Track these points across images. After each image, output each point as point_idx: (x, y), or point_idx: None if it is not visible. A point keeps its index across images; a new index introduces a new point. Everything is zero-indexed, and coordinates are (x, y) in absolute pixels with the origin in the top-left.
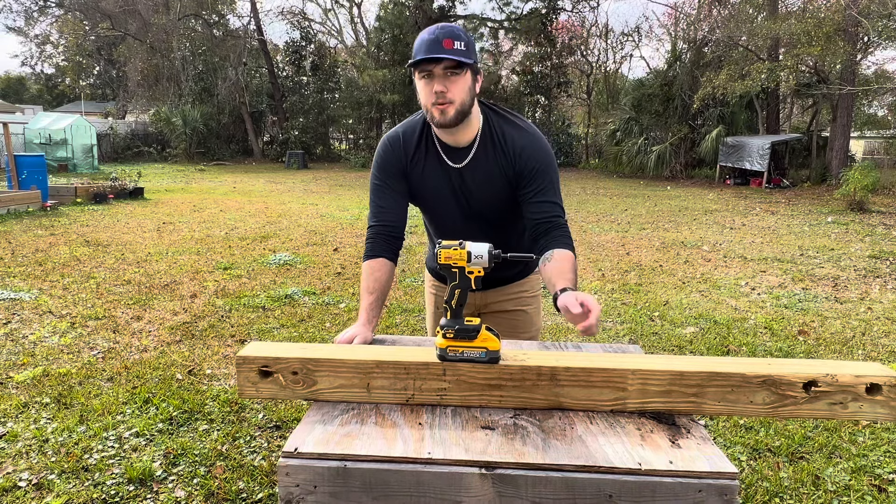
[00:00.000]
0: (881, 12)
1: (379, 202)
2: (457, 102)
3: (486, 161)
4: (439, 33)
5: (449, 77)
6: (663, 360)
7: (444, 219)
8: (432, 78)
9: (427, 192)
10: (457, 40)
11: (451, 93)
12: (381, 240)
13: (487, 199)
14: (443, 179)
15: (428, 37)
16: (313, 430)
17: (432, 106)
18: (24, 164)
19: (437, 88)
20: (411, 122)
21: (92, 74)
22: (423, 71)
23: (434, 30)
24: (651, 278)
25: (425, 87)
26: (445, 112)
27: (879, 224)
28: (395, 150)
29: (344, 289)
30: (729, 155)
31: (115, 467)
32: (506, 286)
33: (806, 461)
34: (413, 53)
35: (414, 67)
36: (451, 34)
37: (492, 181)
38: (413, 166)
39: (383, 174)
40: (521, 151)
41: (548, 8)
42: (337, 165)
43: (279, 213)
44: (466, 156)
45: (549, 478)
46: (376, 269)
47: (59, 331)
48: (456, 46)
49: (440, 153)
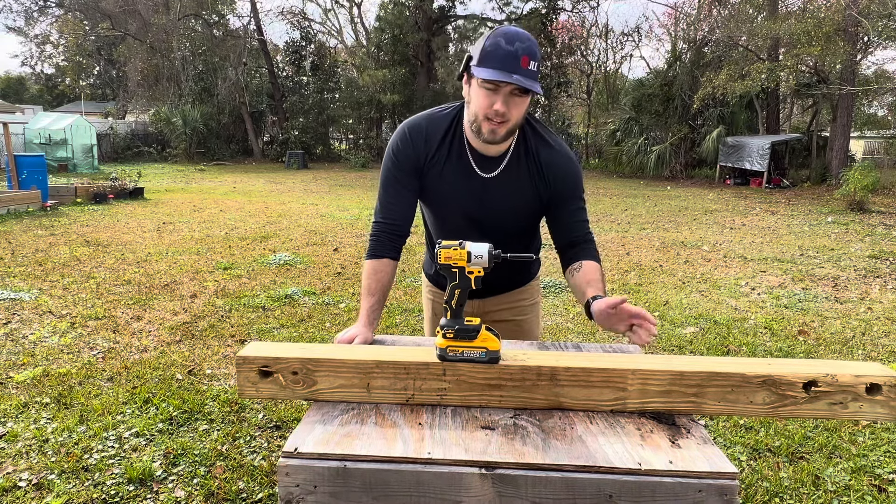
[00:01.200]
0: (881, 12)
1: (388, 197)
2: (511, 123)
3: (519, 175)
4: (519, 48)
5: (514, 97)
6: (663, 360)
7: (450, 223)
8: (496, 92)
9: (441, 196)
10: (533, 60)
11: (510, 114)
12: (386, 238)
13: (510, 210)
14: (464, 186)
15: (507, 47)
16: (313, 430)
17: (485, 119)
18: (24, 164)
19: (499, 108)
20: (439, 115)
21: (92, 74)
22: (491, 84)
23: (514, 38)
24: (651, 278)
25: (484, 99)
26: (496, 131)
27: (879, 224)
28: (414, 143)
29: (344, 289)
30: (729, 155)
31: (115, 467)
32: (504, 294)
33: (806, 461)
34: (481, 55)
35: (479, 75)
36: (530, 52)
37: (521, 194)
38: (432, 164)
39: (397, 167)
40: (559, 173)
41: (548, 8)
42: (337, 165)
43: (279, 213)
44: (497, 166)
45: (549, 478)
46: (379, 270)
47: (59, 331)
48: (531, 67)
49: (469, 158)
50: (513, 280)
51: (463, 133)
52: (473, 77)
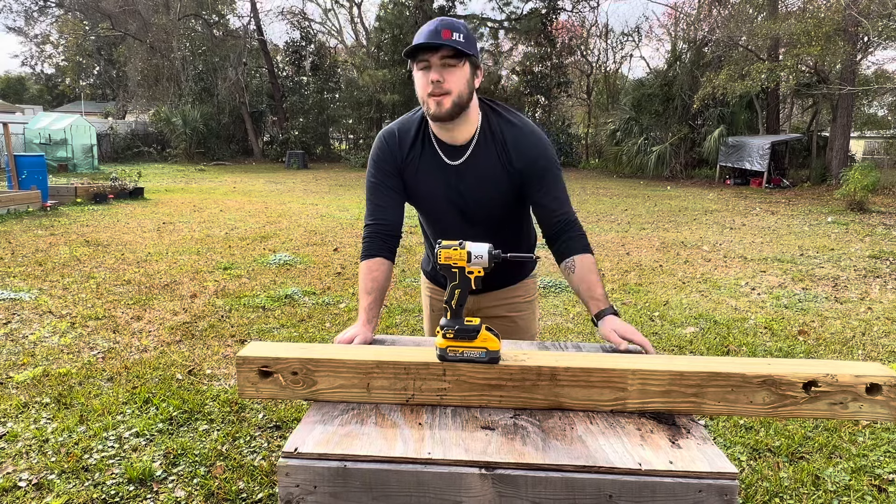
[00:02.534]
0: (881, 12)
1: (375, 200)
2: (454, 94)
3: (487, 158)
4: (439, 24)
5: (446, 67)
6: (663, 361)
7: (440, 219)
8: (429, 69)
9: (423, 192)
10: (456, 32)
11: (447, 83)
12: (378, 239)
13: (487, 198)
14: (439, 178)
15: (427, 28)
16: (313, 431)
17: (428, 97)
18: (24, 164)
19: (434, 77)
20: (408, 118)
21: (92, 74)
22: (421, 61)
23: (434, 22)
24: (651, 278)
25: (422, 78)
26: (441, 103)
27: (879, 224)
28: (390, 147)
29: (344, 289)
30: (729, 155)
31: (115, 467)
32: (499, 290)
33: (806, 461)
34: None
35: (411, 58)
36: (451, 26)
37: (493, 178)
38: (408, 164)
39: (378, 172)
40: (524, 149)
41: (548, 8)
42: (337, 165)
43: (279, 213)
44: (464, 153)
45: (549, 478)
46: (374, 269)
47: (59, 331)
48: (455, 37)
49: (437, 150)
50: (507, 277)
51: (429, 128)
52: (412, 68)
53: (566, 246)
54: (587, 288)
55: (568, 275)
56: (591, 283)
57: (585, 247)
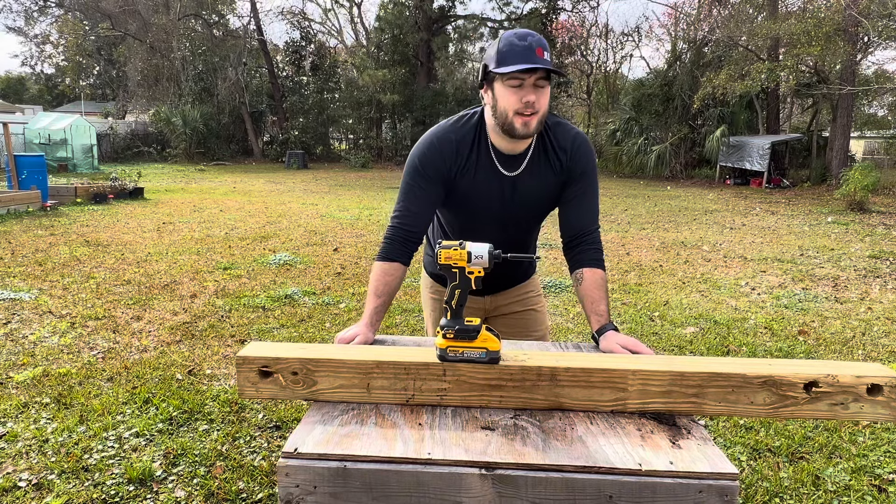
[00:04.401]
0: (881, 12)
1: (407, 203)
2: (540, 113)
3: (542, 166)
4: (532, 41)
5: (537, 88)
6: (663, 361)
7: (481, 227)
8: (522, 86)
9: (474, 200)
10: (546, 51)
11: (539, 103)
12: (400, 243)
13: (534, 205)
14: (494, 188)
15: (520, 43)
16: (313, 431)
17: (515, 115)
18: (24, 164)
19: (528, 98)
20: (463, 125)
21: (92, 74)
22: (514, 78)
23: (525, 35)
24: (651, 278)
25: (512, 95)
26: (529, 124)
27: (879, 224)
28: (443, 155)
29: (344, 289)
30: (729, 155)
31: (115, 467)
32: (511, 289)
33: (806, 461)
34: (499, 58)
35: (502, 75)
36: (542, 44)
37: (546, 187)
38: (464, 173)
39: (420, 177)
40: (575, 149)
41: (548, 8)
42: (337, 165)
43: (279, 213)
44: (521, 163)
45: (549, 478)
46: (388, 273)
47: (59, 331)
48: (546, 57)
49: (494, 160)
50: (519, 275)
51: (487, 137)
52: (496, 80)
53: (580, 257)
54: (591, 302)
55: (576, 286)
56: (595, 298)
57: (597, 261)
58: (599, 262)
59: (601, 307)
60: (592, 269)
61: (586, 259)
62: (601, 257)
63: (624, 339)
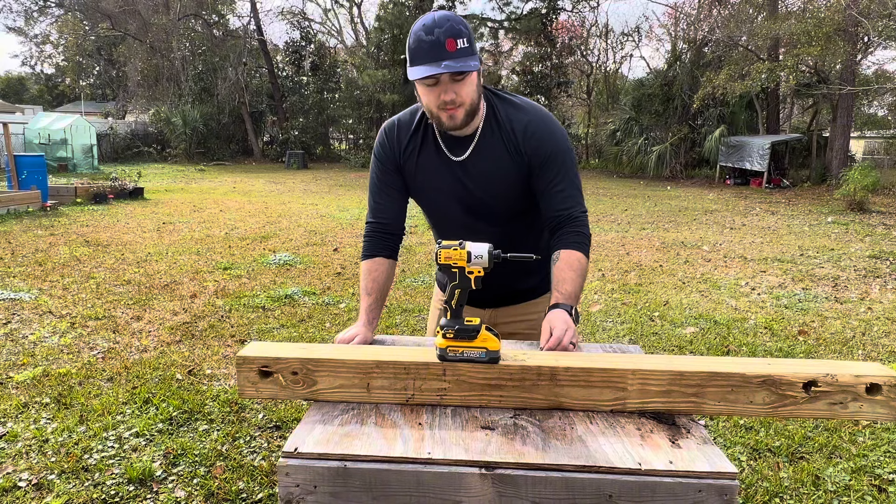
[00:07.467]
0: (881, 12)
1: (375, 198)
2: (466, 104)
3: (493, 149)
4: (440, 34)
5: (455, 82)
6: (663, 360)
7: (444, 216)
8: (437, 85)
9: (424, 188)
10: (459, 38)
11: (459, 97)
12: (378, 238)
13: (494, 190)
14: (442, 173)
15: (427, 38)
16: (313, 430)
17: (439, 111)
18: (24, 164)
19: (447, 97)
20: (410, 109)
21: (92, 74)
22: (430, 78)
23: (432, 27)
24: (651, 278)
25: (430, 94)
26: (455, 116)
27: (879, 224)
28: (391, 141)
29: (344, 289)
30: (729, 155)
31: (115, 467)
32: (517, 305)
33: (806, 461)
34: (410, 56)
35: (412, 76)
36: (452, 32)
37: (500, 170)
38: (407, 159)
39: (379, 169)
40: (530, 135)
41: (548, 8)
42: (337, 165)
43: (279, 213)
44: (469, 145)
45: (548, 478)
46: (374, 269)
47: (59, 331)
48: (459, 46)
49: (440, 144)
50: (524, 292)
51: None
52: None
53: (559, 241)
54: (557, 281)
55: (551, 268)
56: (563, 278)
57: (577, 244)
58: (580, 245)
59: (566, 287)
60: (570, 250)
61: (565, 242)
62: (583, 241)
63: (554, 321)
